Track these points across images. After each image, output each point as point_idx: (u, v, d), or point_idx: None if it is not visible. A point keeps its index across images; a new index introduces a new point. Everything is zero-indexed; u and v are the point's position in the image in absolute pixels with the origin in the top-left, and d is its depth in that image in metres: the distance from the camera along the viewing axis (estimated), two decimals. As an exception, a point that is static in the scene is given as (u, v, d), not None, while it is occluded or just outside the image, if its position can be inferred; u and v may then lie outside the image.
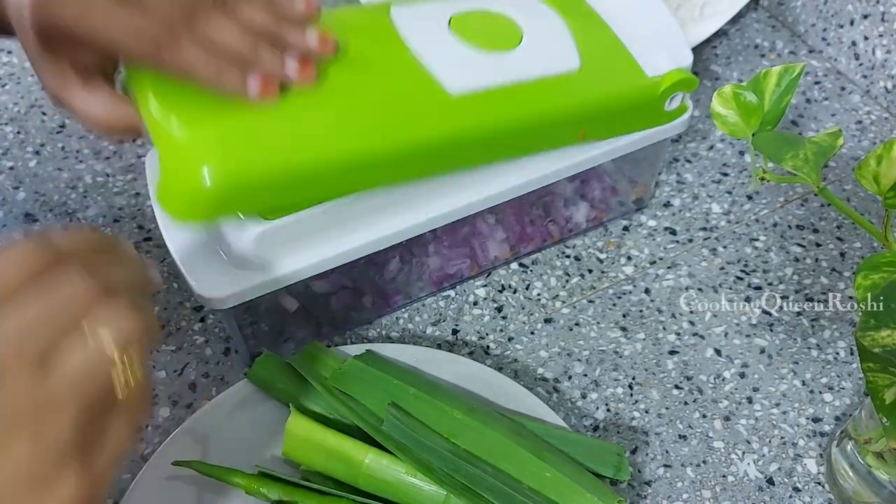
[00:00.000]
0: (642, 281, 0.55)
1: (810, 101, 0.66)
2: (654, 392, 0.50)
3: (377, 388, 0.44)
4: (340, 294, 0.50)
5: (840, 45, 0.67)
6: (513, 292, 0.54)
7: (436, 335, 0.52)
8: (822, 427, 0.48)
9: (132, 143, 0.62)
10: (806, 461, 0.47)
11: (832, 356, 0.51)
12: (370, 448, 0.42)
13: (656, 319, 0.53)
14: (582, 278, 0.55)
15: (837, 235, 0.57)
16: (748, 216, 0.58)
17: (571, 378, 0.50)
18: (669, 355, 0.51)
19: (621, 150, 0.50)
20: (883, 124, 0.64)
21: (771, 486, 0.46)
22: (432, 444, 0.42)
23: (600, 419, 0.49)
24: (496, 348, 0.52)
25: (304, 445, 0.42)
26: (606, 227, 0.58)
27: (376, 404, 0.44)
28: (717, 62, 0.69)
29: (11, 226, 0.57)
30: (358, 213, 0.44)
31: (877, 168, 0.36)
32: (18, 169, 0.60)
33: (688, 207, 0.59)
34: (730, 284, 0.55)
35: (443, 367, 0.47)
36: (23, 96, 0.65)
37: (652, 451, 0.47)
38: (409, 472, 0.41)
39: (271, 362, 0.46)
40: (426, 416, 0.43)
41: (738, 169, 0.61)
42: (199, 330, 0.52)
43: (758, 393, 0.50)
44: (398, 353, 0.47)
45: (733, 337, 0.52)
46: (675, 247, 0.57)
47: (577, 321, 0.53)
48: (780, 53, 0.69)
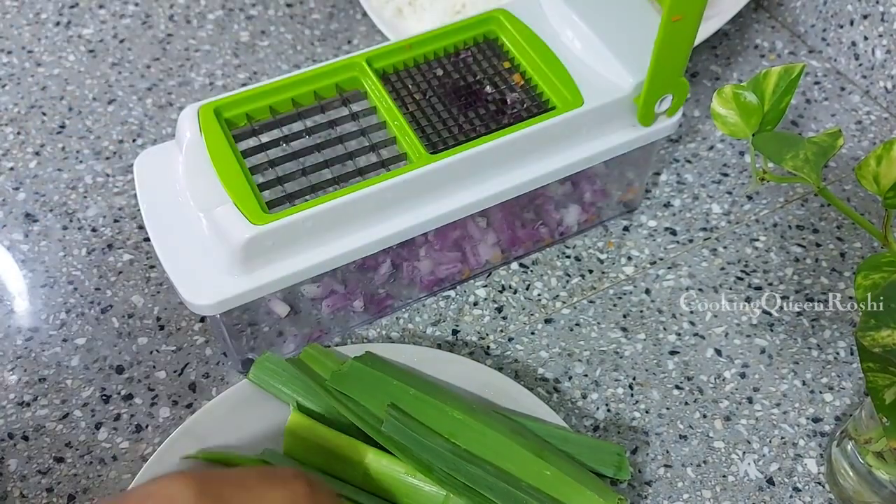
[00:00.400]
0: (643, 281, 0.55)
1: (810, 102, 0.66)
2: (654, 392, 0.50)
3: (377, 390, 0.44)
4: (331, 298, 0.49)
5: (840, 46, 0.67)
6: (513, 292, 0.54)
7: (436, 335, 0.52)
8: (823, 427, 0.48)
9: (132, 142, 0.62)
10: (806, 461, 0.47)
11: (832, 356, 0.51)
12: (369, 448, 0.42)
13: (657, 320, 0.53)
14: (582, 278, 0.55)
15: (837, 235, 0.57)
16: (748, 216, 0.58)
17: (572, 378, 0.50)
18: (670, 355, 0.51)
19: (611, 153, 0.50)
20: (883, 124, 0.64)
21: (771, 485, 0.46)
22: (432, 444, 0.42)
23: (601, 419, 0.49)
24: (496, 349, 0.52)
25: (304, 445, 0.42)
26: (606, 227, 0.58)
27: (376, 405, 0.44)
28: (717, 62, 0.69)
29: (11, 226, 0.57)
30: (347, 217, 0.44)
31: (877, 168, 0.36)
32: (18, 169, 0.60)
33: (688, 208, 0.59)
34: (730, 285, 0.55)
35: (443, 367, 0.47)
36: (23, 97, 0.65)
37: (652, 451, 0.47)
38: (408, 473, 0.41)
39: (271, 362, 0.46)
40: (426, 416, 0.43)
41: (738, 169, 0.61)
42: (199, 330, 0.52)
43: (758, 393, 0.50)
44: (398, 354, 0.47)
45: (734, 337, 0.52)
46: (675, 247, 0.57)
47: (577, 321, 0.53)
48: (780, 54, 0.69)
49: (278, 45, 0.69)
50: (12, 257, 0.55)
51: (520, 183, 0.48)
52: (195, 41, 0.69)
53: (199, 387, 0.50)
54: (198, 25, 0.70)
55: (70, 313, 0.53)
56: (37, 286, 0.54)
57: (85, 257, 0.55)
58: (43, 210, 0.58)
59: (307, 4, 0.72)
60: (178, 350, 0.51)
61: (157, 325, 0.52)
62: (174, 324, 0.52)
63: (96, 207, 0.58)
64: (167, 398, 0.49)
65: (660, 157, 0.62)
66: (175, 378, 0.50)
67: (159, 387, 0.49)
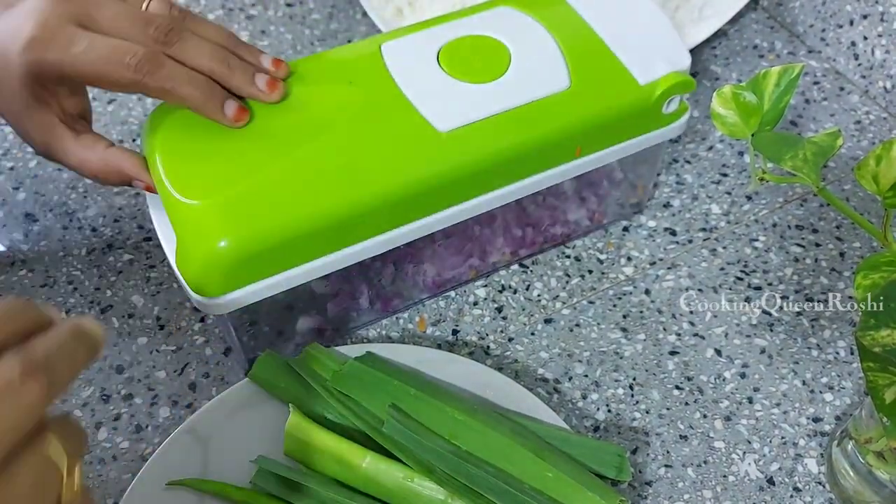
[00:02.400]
0: (642, 282, 0.55)
1: (809, 102, 0.66)
2: (654, 392, 0.50)
3: (377, 390, 0.44)
4: (339, 297, 0.49)
5: (839, 46, 0.67)
6: (513, 293, 0.54)
7: (436, 335, 0.52)
8: (823, 427, 0.48)
9: (132, 142, 0.62)
10: (806, 461, 0.47)
11: (832, 356, 0.51)
12: (368, 451, 0.42)
13: (656, 320, 0.53)
14: (582, 279, 0.55)
15: (837, 235, 0.57)
16: (748, 217, 0.59)
17: (572, 379, 0.50)
18: (670, 356, 0.51)
19: (619, 154, 0.50)
20: (882, 124, 0.64)
21: (771, 485, 0.46)
22: (433, 445, 0.42)
23: (601, 420, 0.49)
24: (496, 349, 0.52)
25: (303, 447, 0.42)
26: (606, 228, 0.58)
27: (377, 406, 0.44)
28: (716, 63, 0.69)
29: (11, 226, 0.57)
30: None
31: (876, 168, 0.36)
32: (18, 169, 0.60)
33: (687, 208, 0.59)
34: (730, 285, 0.55)
35: (443, 367, 0.47)
36: (23, 97, 0.65)
37: (653, 452, 0.47)
38: (408, 476, 0.41)
39: (272, 362, 0.46)
40: (427, 417, 0.43)
41: (737, 169, 0.61)
42: (199, 330, 0.52)
43: (758, 393, 0.50)
44: (398, 354, 0.47)
45: (733, 337, 0.52)
46: (674, 247, 0.57)
47: (577, 322, 0.53)
48: (779, 54, 0.70)
49: (278, 45, 0.69)
50: (12, 257, 0.55)
51: (527, 184, 0.47)
52: (195, 41, 0.69)
53: (199, 387, 0.50)
54: (197, 26, 0.70)
55: (70, 313, 0.53)
56: (37, 286, 0.54)
57: (85, 257, 0.55)
58: (43, 210, 0.58)
59: (307, 4, 0.72)
60: (178, 350, 0.51)
61: (157, 324, 0.52)
62: (174, 324, 0.52)
63: (96, 207, 0.58)
64: (167, 398, 0.49)
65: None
66: (175, 378, 0.50)
67: (159, 387, 0.49)
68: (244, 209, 0.41)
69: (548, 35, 0.49)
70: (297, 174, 0.42)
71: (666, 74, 0.48)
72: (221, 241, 0.40)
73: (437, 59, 0.47)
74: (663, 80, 0.47)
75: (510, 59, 0.47)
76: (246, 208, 0.41)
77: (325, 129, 0.44)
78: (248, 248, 0.40)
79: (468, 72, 0.47)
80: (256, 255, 0.41)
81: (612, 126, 0.48)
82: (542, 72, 0.47)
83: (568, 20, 0.50)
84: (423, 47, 0.48)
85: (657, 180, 0.60)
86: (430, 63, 0.47)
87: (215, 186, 0.41)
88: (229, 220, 0.40)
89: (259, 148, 0.43)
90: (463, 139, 0.44)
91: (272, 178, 0.42)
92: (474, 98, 0.46)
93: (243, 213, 0.41)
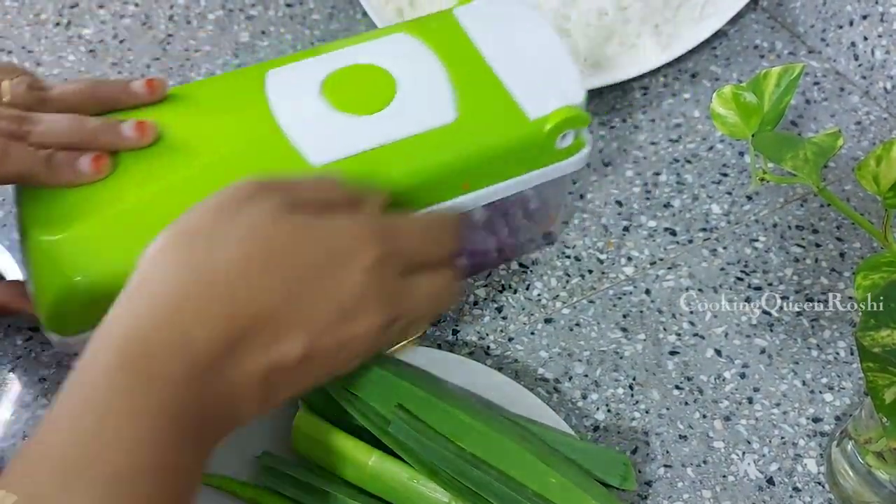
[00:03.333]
0: (642, 281, 0.55)
1: (810, 102, 0.66)
2: (654, 392, 0.50)
3: (384, 390, 0.44)
4: None
5: (839, 46, 0.67)
6: (513, 292, 0.54)
7: (436, 335, 0.52)
8: (823, 427, 0.48)
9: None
10: (806, 461, 0.47)
11: (832, 356, 0.51)
12: (374, 450, 0.42)
13: (656, 320, 0.53)
14: (582, 279, 0.55)
15: (837, 236, 0.57)
16: (748, 217, 0.59)
17: (572, 378, 0.50)
18: (670, 356, 0.51)
19: (512, 189, 0.47)
20: (882, 125, 0.64)
21: (771, 485, 0.46)
22: (439, 446, 0.42)
23: (601, 420, 0.49)
24: (496, 349, 0.52)
25: (311, 443, 0.43)
26: (606, 228, 0.58)
27: (383, 405, 0.43)
28: (716, 63, 0.69)
29: (11, 226, 0.57)
30: None
31: (876, 168, 0.37)
32: (19, 170, 0.60)
33: (687, 208, 0.59)
34: (730, 285, 0.55)
35: (442, 367, 0.47)
36: (23, 97, 0.65)
37: (652, 452, 0.47)
38: (412, 477, 0.41)
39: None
40: (433, 418, 0.43)
41: (737, 169, 0.62)
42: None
43: (758, 393, 0.50)
44: (397, 354, 0.47)
45: (733, 337, 0.52)
46: (675, 247, 0.57)
47: (577, 322, 0.53)
48: (780, 54, 0.70)
49: (278, 45, 0.69)
50: (12, 257, 0.55)
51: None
52: (195, 41, 0.69)
53: (200, 387, 0.50)
54: (198, 26, 0.70)
55: (70, 313, 0.52)
56: (37, 286, 0.54)
57: (85, 257, 0.55)
58: (43, 210, 0.58)
59: (307, 5, 0.72)
60: (179, 350, 0.51)
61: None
62: (174, 324, 0.52)
63: (96, 208, 0.58)
64: (167, 398, 0.49)
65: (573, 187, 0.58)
66: (175, 378, 0.50)
67: (159, 387, 0.49)
68: (101, 244, 0.39)
69: (439, 66, 0.47)
70: (160, 206, 0.40)
71: (558, 109, 0.45)
72: (77, 276, 0.38)
73: (322, 88, 0.45)
74: (554, 115, 0.45)
75: (396, 89, 0.46)
76: (103, 243, 0.39)
77: (193, 160, 0.42)
78: (105, 284, 0.38)
79: (350, 103, 0.45)
80: (115, 292, 0.35)
81: (499, 161, 0.45)
82: (428, 104, 0.45)
83: (463, 50, 0.48)
84: (307, 76, 0.46)
85: (657, 180, 0.60)
86: (312, 93, 0.45)
87: (72, 222, 0.40)
88: (86, 255, 0.39)
89: (122, 182, 0.41)
90: (337, 174, 0.42)
91: (132, 211, 0.40)
92: (353, 130, 0.44)
93: (101, 248, 0.39)
